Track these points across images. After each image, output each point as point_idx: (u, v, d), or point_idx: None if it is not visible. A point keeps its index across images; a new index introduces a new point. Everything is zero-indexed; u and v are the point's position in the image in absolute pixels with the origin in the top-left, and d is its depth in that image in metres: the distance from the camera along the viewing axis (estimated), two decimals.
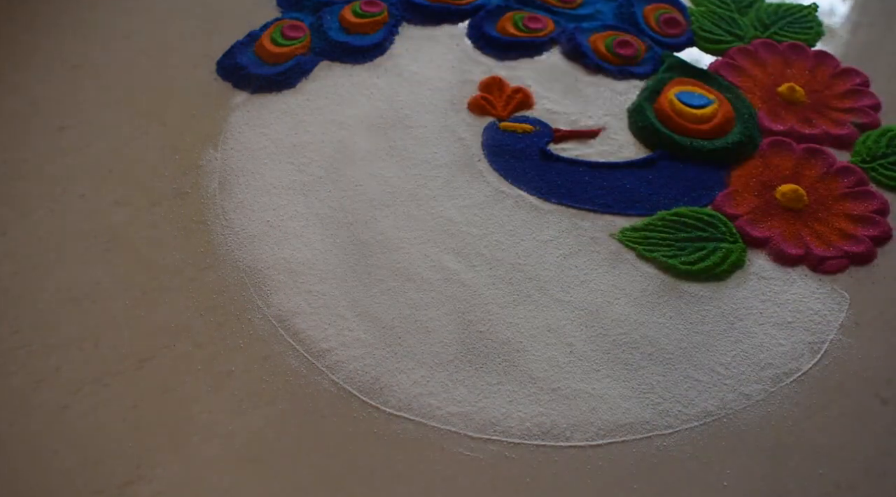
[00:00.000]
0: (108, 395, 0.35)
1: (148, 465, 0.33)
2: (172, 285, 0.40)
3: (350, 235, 0.42)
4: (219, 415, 0.35)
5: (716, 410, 0.35)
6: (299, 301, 0.39)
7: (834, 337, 0.38)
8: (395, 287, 0.40)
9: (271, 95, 0.50)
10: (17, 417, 0.34)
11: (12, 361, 0.36)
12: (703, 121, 0.48)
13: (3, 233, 0.42)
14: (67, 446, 0.34)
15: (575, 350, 0.37)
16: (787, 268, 0.41)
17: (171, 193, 0.44)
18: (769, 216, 0.43)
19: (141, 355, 0.37)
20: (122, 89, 0.50)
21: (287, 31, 0.54)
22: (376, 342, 0.38)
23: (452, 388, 0.36)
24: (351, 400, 0.35)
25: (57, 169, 0.45)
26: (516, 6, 0.57)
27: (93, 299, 0.39)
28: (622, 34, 0.55)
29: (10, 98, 0.49)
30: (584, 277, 0.40)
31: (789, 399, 0.36)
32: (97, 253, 0.41)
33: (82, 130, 0.48)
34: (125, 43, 0.54)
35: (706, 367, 0.37)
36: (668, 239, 0.42)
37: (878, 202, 0.44)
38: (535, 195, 0.45)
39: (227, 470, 0.33)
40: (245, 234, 0.42)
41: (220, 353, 0.37)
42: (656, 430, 0.34)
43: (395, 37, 0.55)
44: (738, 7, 0.58)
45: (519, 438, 0.34)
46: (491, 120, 0.49)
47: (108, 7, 0.57)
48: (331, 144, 0.47)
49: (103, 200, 0.44)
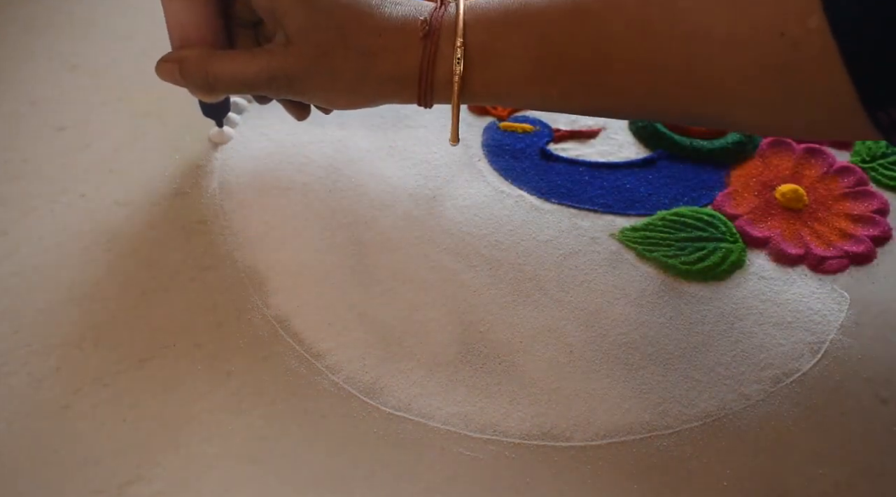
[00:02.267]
0: (108, 395, 0.35)
1: (148, 465, 0.33)
2: (172, 285, 0.40)
3: (350, 235, 0.42)
4: (219, 415, 0.35)
5: (715, 410, 0.35)
6: (299, 301, 0.39)
7: (834, 337, 0.38)
8: (394, 287, 0.40)
9: None
10: (17, 417, 0.34)
11: (12, 361, 0.36)
12: None
13: (3, 233, 0.42)
14: (67, 446, 0.34)
15: (575, 350, 0.37)
16: (787, 268, 0.41)
17: (171, 193, 0.44)
18: (769, 216, 0.43)
19: (141, 355, 0.37)
20: (122, 89, 0.50)
21: None
22: (376, 342, 0.38)
23: (452, 389, 0.36)
24: (351, 400, 0.35)
25: (57, 169, 0.45)
26: None
27: (93, 299, 0.39)
28: None
29: (9, 98, 0.50)
30: (584, 278, 0.40)
31: (789, 399, 0.36)
32: (97, 253, 0.41)
33: (82, 130, 0.48)
34: (125, 43, 0.54)
35: (706, 367, 0.37)
36: (668, 239, 0.42)
37: (878, 202, 0.44)
38: (535, 195, 0.45)
39: (227, 470, 0.33)
40: (245, 235, 0.42)
41: (220, 353, 0.37)
42: (656, 430, 0.34)
43: None
44: None
45: (519, 439, 0.34)
46: (491, 120, 0.49)
47: (108, 7, 0.57)
48: (331, 144, 0.47)
49: (103, 200, 0.44)
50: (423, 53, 0.35)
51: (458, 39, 0.34)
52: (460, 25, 0.34)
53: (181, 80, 0.38)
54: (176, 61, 0.38)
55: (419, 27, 0.35)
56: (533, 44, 0.34)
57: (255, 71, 0.36)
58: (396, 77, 0.36)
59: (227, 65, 0.37)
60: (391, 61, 0.35)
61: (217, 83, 0.37)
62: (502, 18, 0.35)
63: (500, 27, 0.35)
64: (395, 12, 0.35)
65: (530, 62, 0.35)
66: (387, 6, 0.35)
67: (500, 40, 0.35)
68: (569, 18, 0.34)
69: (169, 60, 0.38)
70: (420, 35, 0.35)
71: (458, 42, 0.34)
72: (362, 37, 0.35)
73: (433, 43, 0.35)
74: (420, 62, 0.35)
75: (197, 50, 0.38)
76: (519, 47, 0.35)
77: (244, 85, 0.37)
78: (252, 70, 0.36)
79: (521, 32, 0.34)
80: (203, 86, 0.38)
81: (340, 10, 0.35)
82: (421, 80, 0.36)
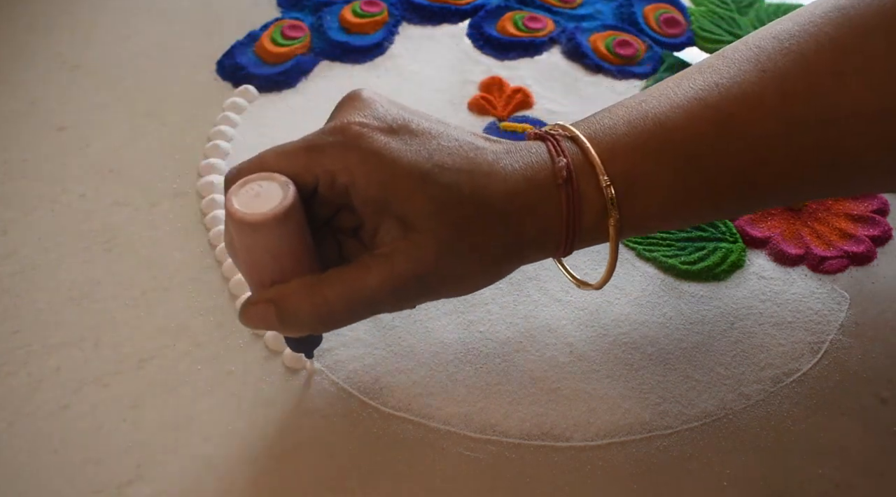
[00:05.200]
0: (108, 395, 0.35)
1: (148, 465, 0.33)
2: (172, 285, 0.40)
3: None
4: (219, 415, 0.35)
5: (715, 411, 0.35)
6: None
7: (834, 337, 0.38)
8: None
9: (271, 95, 0.50)
10: (17, 417, 0.35)
11: (12, 361, 0.36)
12: None
13: (3, 233, 0.42)
14: (67, 446, 0.34)
15: (575, 350, 0.37)
16: (787, 268, 0.41)
17: (171, 193, 0.44)
18: (769, 216, 0.43)
19: (141, 355, 0.37)
20: (122, 89, 0.50)
21: (287, 31, 0.54)
22: (376, 342, 0.38)
23: (452, 388, 0.36)
24: (351, 400, 0.35)
25: (57, 169, 0.45)
26: (516, 6, 0.57)
27: (93, 299, 0.39)
28: (622, 34, 0.55)
29: (9, 98, 0.50)
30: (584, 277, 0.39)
31: (789, 399, 0.36)
32: (97, 253, 0.41)
33: (82, 130, 0.48)
34: (125, 43, 0.54)
35: (706, 367, 0.37)
36: (668, 239, 0.42)
37: (878, 202, 0.44)
38: None
39: (227, 470, 0.33)
40: None
41: (220, 353, 0.37)
42: (656, 430, 0.34)
43: (395, 37, 0.55)
44: (738, 7, 0.58)
45: (519, 439, 0.34)
46: (491, 120, 0.49)
47: (108, 7, 0.57)
48: None
49: (103, 200, 0.44)
50: (567, 202, 0.30)
51: (601, 178, 0.30)
52: (598, 162, 0.30)
53: (279, 323, 0.29)
54: (272, 302, 0.29)
55: (553, 173, 0.30)
56: (680, 166, 0.31)
57: (376, 283, 0.29)
58: (541, 234, 0.31)
59: (338, 288, 0.29)
60: (533, 218, 0.30)
61: (332, 314, 0.29)
62: (638, 143, 0.31)
63: (638, 155, 0.30)
64: (515, 163, 0.30)
65: (680, 185, 0.31)
66: (502, 158, 0.30)
67: (643, 169, 0.30)
68: (714, 132, 0.30)
69: (259, 302, 0.30)
70: (559, 182, 0.30)
71: (604, 182, 0.30)
72: (498, 200, 0.29)
73: (574, 189, 0.30)
74: (564, 212, 0.30)
75: (295, 283, 0.29)
76: (666, 173, 0.31)
77: (367, 305, 0.30)
78: (373, 283, 0.29)
79: (665, 156, 0.31)
80: (314, 321, 0.30)
81: (465, 177, 0.29)
82: (567, 230, 0.30)
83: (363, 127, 0.29)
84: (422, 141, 0.29)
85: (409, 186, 0.28)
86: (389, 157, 0.29)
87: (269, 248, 0.28)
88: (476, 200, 0.29)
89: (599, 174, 0.30)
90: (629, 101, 0.33)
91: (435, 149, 0.29)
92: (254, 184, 0.28)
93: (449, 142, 0.30)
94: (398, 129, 0.29)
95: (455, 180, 0.29)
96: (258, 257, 0.29)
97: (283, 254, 0.29)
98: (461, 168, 0.29)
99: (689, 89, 0.32)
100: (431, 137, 0.30)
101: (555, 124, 0.32)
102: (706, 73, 0.32)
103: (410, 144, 0.29)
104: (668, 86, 0.32)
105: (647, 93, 0.33)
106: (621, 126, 0.31)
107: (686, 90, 0.32)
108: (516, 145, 0.31)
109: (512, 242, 0.30)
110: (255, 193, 0.28)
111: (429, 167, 0.29)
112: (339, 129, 0.29)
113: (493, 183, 0.29)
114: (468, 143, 0.30)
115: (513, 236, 0.30)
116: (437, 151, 0.29)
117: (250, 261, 0.29)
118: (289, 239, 0.28)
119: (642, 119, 0.31)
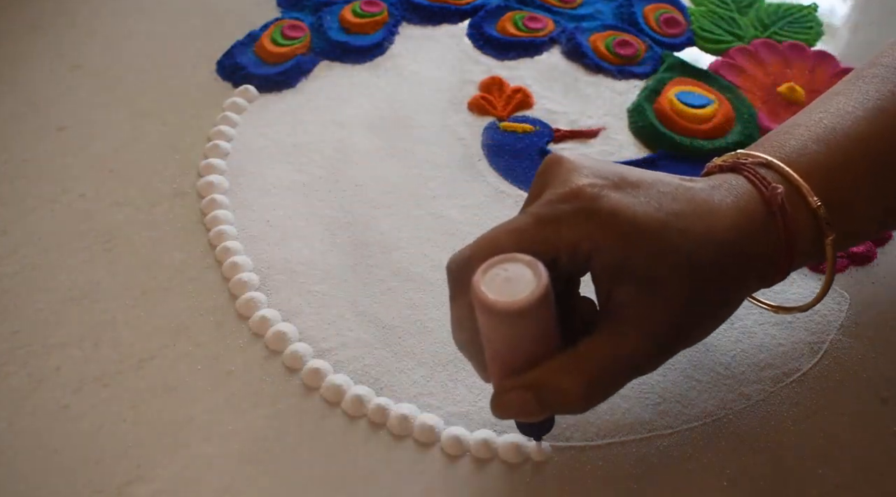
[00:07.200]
0: (108, 395, 0.35)
1: (148, 465, 0.33)
2: (172, 285, 0.40)
3: (350, 235, 0.42)
4: (219, 415, 0.35)
5: (716, 410, 0.35)
6: (299, 301, 0.39)
7: (834, 337, 0.38)
8: (395, 287, 0.40)
9: (271, 95, 0.50)
10: (17, 417, 0.35)
11: (12, 361, 0.36)
12: (703, 121, 0.48)
13: (3, 233, 0.42)
14: (67, 446, 0.34)
15: None
16: None
17: (171, 193, 0.44)
18: None
19: (141, 355, 0.37)
20: (122, 89, 0.50)
21: (287, 31, 0.54)
22: (376, 342, 0.38)
23: (452, 388, 0.36)
24: (351, 400, 0.35)
25: (57, 169, 0.45)
26: (516, 6, 0.57)
27: (93, 299, 0.39)
28: (622, 34, 0.55)
29: (10, 98, 0.50)
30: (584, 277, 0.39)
31: (789, 399, 0.36)
32: (97, 253, 0.41)
33: (82, 130, 0.48)
34: (125, 43, 0.54)
35: (706, 367, 0.37)
36: None
37: None
38: None
39: (227, 470, 0.33)
40: (245, 235, 0.42)
41: (220, 353, 0.37)
42: (656, 430, 0.34)
43: (395, 37, 0.55)
44: (738, 7, 0.58)
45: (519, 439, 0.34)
46: (491, 120, 0.49)
47: (108, 7, 0.57)
48: (331, 144, 0.47)
49: (103, 200, 0.44)
50: (784, 229, 0.29)
51: (811, 199, 0.30)
52: (803, 184, 0.30)
53: (539, 407, 0.28)
54: (530, 388, 0.27)
55: (764, 202, 0.29)
56: (879, 174, 0.31)
57: (635, 348, 0.28)
58: (765, 265, 0.30)
59: (601, 362, 0.27)
60: (756, 250, 0.29)
61: (598, 389, 0.28)
62: (834, 160, 0.31)
63: (837, 172, 0.31)
64: (726, 198, 0.29)
65: (880, 193, 0.32)
66: (714, 195, 0.29)
67: (844, 183, 0.31)
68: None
69: (515, 390, 0.28)
70: (773, 209, 0.29)
71: (814, 203, 0.30)
72: (728, 239, 0.28)
73: (789, 215, 0.29)
74: (783, 239, 0.30)
75: (555, 363, 0.27)
76: (866, 184, 0.31)
77: (630, 373, 0.29)
78: (631, 349, 0.28)
79: (862, 168, 0.31)
80: (579, 401, 0.28)
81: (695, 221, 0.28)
82: (783, 258, 0.30)
83: (594, 188, 0.28)
84: (645, 192, 0.28)
85: (650, 242, 0.27)
86: (627, 214, 0.27)
87: (529, 334, 0.26)
88: (709, 242, 0.28)
89: (808, 196, 0.30)
90: (802, 120, 0.33)
91: (659, 197, 0.28)
92: (497, 268, 0.26)
93: (666, 188, 0.29)
94: (620, 183, 0.28)
95: (688, 226, 0.28)
96: (516, 344, 0.27)
97: (540, 336, 0.27)
98: (689, 212, 0.28)
99: (863, 100, 0.32)
100: (650, 186, 0.29)
101: (735, 153, 0.32)
102: (871, 84, 0.33)
103: (638, 197, 0.28)
104: (837, 101, 0.33)
105: (816, 110, 0.33)
106: (811, 145, 0.31)
107: (861, 102, 0.32)
108: (716, 180, 0.31)
109: (741, 276, 0.30)
110: (503, 279, 0.26)
111: (663, 217, 0.28)
112: (572, 195, 0.28)
113: (717, 222, 0.29)
114: (680, 185, 0.29)
115: (743, 270, 0.30)
116: (663, 199, 0.28)
117: (505, 349, 0.27)
118: (546, 320, 0.26)
119: (831, 134, 0.31)
